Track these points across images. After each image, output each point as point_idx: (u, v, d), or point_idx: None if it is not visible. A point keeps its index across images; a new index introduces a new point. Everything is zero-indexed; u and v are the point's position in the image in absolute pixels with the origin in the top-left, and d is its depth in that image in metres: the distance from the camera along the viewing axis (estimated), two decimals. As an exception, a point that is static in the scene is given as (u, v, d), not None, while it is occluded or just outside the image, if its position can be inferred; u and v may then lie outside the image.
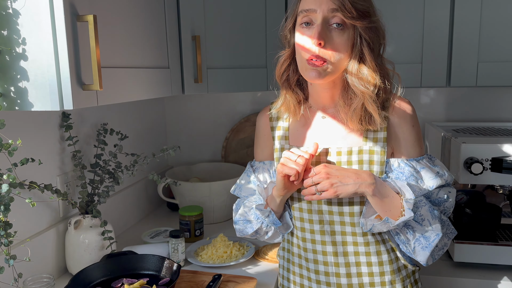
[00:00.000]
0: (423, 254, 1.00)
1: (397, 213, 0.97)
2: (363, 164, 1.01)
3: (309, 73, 0.98)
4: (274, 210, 1.09)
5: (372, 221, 0.99)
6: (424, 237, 0.99)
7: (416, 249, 1.00)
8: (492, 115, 1.83)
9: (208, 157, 2.11)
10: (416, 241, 1.00)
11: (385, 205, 0.97)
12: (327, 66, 0.96)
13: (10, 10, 0.84)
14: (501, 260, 1.38)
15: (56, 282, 1.12)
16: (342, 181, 0.95)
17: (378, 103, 0.98)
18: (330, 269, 1.06)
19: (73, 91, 0.85)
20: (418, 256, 1.01)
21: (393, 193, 0.98)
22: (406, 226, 1.00)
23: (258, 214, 1.11)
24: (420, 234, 0.99)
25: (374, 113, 0.98)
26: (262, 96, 2.03)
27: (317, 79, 0.98)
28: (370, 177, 0.97)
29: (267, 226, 1.12)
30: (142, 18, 1.13)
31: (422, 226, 0.99)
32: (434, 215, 1.00)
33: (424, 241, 1.00)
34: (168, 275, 1.15)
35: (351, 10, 0.94)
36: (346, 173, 0.97)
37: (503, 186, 1.46)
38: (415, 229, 1.00)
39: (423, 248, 1.00)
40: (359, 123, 1.00)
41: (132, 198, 1.74)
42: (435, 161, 1.06)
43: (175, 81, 1.31)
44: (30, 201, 0.95)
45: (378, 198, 0.96)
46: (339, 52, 0.96)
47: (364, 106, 0.99)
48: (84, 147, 1.42)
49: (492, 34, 1.48)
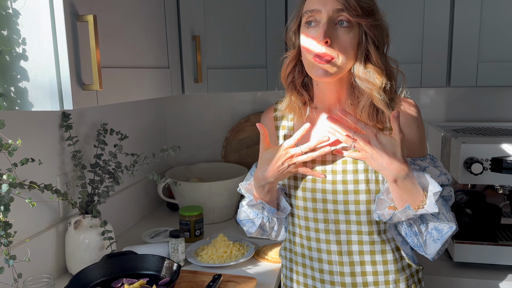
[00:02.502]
0: (434, 246, 1.00)
1: (416, 204, 0.96)
2: None
3: (316, 71, 0.98)
4: (266, 200, 1.08)
5: (388, 212, 0.98)
6: (436, 229, 0.99)
7: (428, 242, 1.00)
8: (492, 115, 1.83)
9: (208, 157, 2.11)
10: (428, 233, 1.00)
11: (404, 196, 0.95)
12: (334, 63, 0.96)
13: (10, 10, 0.84)
14: (501, 260, 1.38)
15: (56, 282, 1.12)
16: (374, 156, 0.93)
17: (386, 99, 0.98)
18: (334, 268, 1.06)
19: (73, 91, 0.85)
20: (428, 249, 1.00)
21: (417, 186, 0.96)
22: (420, 217, 1.00)
23: (255, 211, 1.11)
24: (433, 227, 0.99)
25: (384, 109, 0.98)
26: (262, 96, 2.03)
27: (324, 77, 0.98)
28: (400, 171, 0.92)
29: (268, 219, 1.12)
30: (142, 18, 1.13)
31: (437, 219, 0.99)
32: (448, 208, 1.01)
33: (436, 234, 0.99)
34: (168, 275, 1.15)
35: (356, 8, 0.94)
36: (383, 153, 0.92)
37: (503, 186, 1.46)
38: (429, 221, 0.99)
39: (435, 241, 0.99)
40: (368, 121, 1.00)
41: (132, 198, 1.74)
42: (437, 162, 1.07)
43: (175, 81, 1.31)
44: (30, 201, 0.95)
45: (397, 188, 0.94)
46: (345, 50, 0.96)
47: (372, 104, 0.99)
48: (84, 147, 1.42)
49: (492, 34, 1.48)
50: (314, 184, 1.05)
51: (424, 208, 0.95)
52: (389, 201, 1.00)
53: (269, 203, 1.09)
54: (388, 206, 0.99)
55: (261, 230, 1.16)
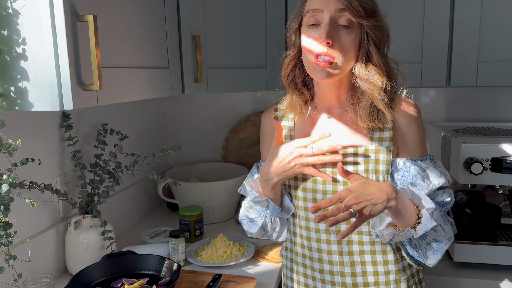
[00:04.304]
0: (434, 258, 1.00)
1: (413, 221, 0.96)
2: (369, 164, 1.01)
3: (318, 73, 0.98)
4: (271, 198, 1.08)
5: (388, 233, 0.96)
6: (436, 241, 1.00)
7: (428, 253, 1.00)
8: (492, 115, 1.83)
9: (208, 157, 2.11)
10: (427, 245, 1.00)
11: (404, 215, 0.95)
12: (335, 65, 0.96)
13: (10, 10, 0.84)
14: (501, 260, 1.38)
15: (56, 282, 1.12)
16: (372, 202, 0.89)
17: (386, 100, 0.99)
18: (335, 268, 1.06)
19: (73, 91, 0.85)
20: (429, 260, 1.01)
21: (409, 201, 0.96)
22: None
23: (259, 208, 1.11)
24: (431, 239, 1.00)
25: (384, 110, 0.98)
26: (262, 96, 2.03)
27: (325, 79, 0.98)
28: (392, 191, 0.92)
29: (271, 219, 1.12)
30: (142, 18, 1.13)
31: (435, 232, 0.99)
32: (446, 219, 1.01)
33: (436, 246, 1.00)
34: (168, 275, 1.15)
35: (358, 9, 0.94)
36: (372, 192, 0.90)
37: (503, 186, 1.46)
38: (427, 234, 0.99)
39: (435, 252, 1.00)
40: (368, 121, 1.00)
41: (132, 198, 1.74)
42: (437, 162, 1.07)
43: (175, 81, 1.31)
44: (30, 201, 0.95)
45: (400, 210, 0.94)
46: (346, 51, 0.96)
47: (373, 104, 0.99)
48: (84, 147, 1.42)
49: (492, 34, 1.48)
50: (315, 184, 1.05)
51: (422, 224, 0.94)
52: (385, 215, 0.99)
53: (273, 201, 1.09)
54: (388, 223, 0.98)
55: (262, 230, 1.15)
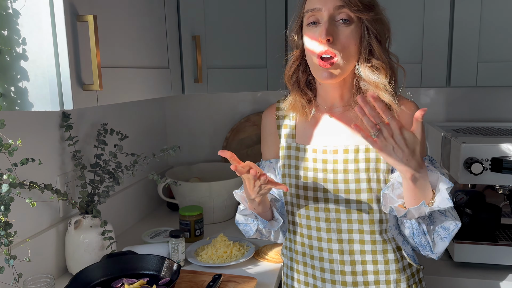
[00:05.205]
0: (442, 244, 0.99)
1: (426, 202, 0.95)
2: (370, 162, 1.02)
3: (321, 74, 0.99)
4: (259, 211, 1.07)
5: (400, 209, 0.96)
6: (443, 227, 0.98)
7: (435, 240, 0.99)
8: (492, 115, 1.83)
9: (208, 157, 2.11)
10: (435, 232, 0.99)
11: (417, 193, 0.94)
12: (337, 64, 0.96)
13: (10, 10, 0.84)
14: (501, 260, 1.38)
15: (56, 282, 1.12)
16: (395, 150, 0.88)
17: (392, 91, 0.98)
18: (335, 267, 1.06)
19: (73, 91, 0.85)
20: (436, 248, 1.00)
21: (429, 183, 0.95)
22: (428, 216, 0.99)
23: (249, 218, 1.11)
24: (439, 225, 0.99)
25: (390, 102, 0.98)
26: (262, 96, 2.03)
27: (329, 80, 0.99)
28: (418, 167, 0.90)
29: (263, 226, 1.12)
30: (142, 18, 1.13)
31: (445, 216, 0.98)
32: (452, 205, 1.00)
33: (443, 232, 0.99)
34: (168, 275, 1.15)
35: (356, 3, 0.95)
36: (404, 148, 0.89)
37: (503, 186, 1.46)
38: (435, 220, 0.99)
39: (442, 239, 0.99)
40: None
41: (132, 198, 1.74)
42: (435, 163, 1.07)
43: (175, 81, 1.31)
44: (30, 201, 0.95)
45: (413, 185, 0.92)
46: (348, 47, 0.97)
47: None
48: (84, 147, 1.42)
49: (492, 34, 1.48)
50: (316, 183, 1.05)
51: (436, 204, 0.93)
52: (395, 198, 0.98)
53: (262, 214, 1.08)
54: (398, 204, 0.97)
55: (259, 233, 1.16)
